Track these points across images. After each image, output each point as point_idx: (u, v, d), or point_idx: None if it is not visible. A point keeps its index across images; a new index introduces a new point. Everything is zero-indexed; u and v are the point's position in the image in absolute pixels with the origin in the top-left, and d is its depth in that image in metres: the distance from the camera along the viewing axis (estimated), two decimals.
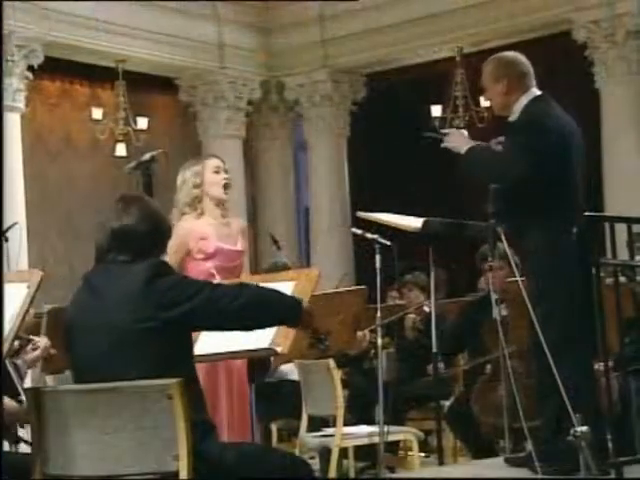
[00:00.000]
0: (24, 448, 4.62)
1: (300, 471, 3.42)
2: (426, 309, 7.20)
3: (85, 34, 10.72)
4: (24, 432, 4.52)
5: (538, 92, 4.88)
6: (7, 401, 4.07)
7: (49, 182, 11.49)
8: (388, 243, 5.67)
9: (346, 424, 5.73)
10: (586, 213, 4.71)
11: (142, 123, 11.54)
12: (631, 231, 5.00)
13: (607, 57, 10.70)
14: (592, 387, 4.70)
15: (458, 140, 4.90)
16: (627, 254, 5.32)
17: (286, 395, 6.73)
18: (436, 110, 11.94)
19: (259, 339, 3.94)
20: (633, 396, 5.27)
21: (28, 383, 4.82)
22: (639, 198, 10.07)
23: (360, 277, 11.07)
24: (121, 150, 11.44)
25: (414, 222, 5.53)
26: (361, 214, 5.83)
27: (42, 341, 4.64)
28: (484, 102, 11.60)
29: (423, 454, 6.61)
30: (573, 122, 4.89)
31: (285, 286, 3.99)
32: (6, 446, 4.71)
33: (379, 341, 5.64)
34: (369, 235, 5.68)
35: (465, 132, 5.05)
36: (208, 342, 4.03)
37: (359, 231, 5.87)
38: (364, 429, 5.82)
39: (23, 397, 4.02)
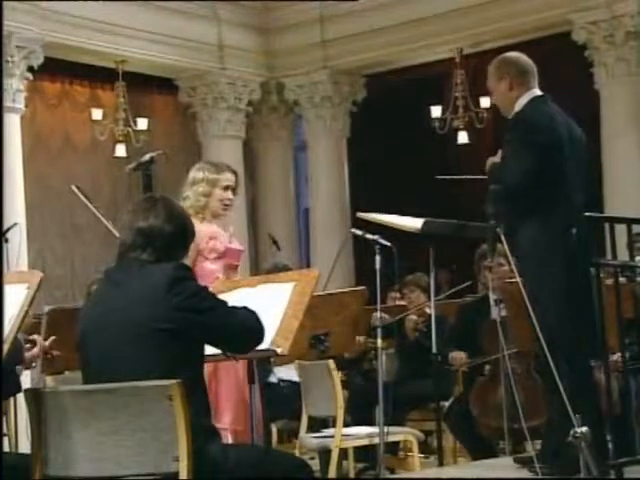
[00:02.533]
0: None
1: (300, 472, 3.42)
2: (427, 310, 7.19)
3: (85, 35, 10.72)
4: None
5: (539, 92, 4.89)
6: None
7: (49, 183, 11.48)
8: (388, 244, 5.67)
9: (346, 425, 5.72)
10: (586, 214, 4.71)
11: (142, 124, 11.55)
12: (631, 231, 5.01)
13: (607, 58, 10.70)
14: (591, 388, 4.70)
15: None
16: (627, 254, 5.32)
17: (286, 396, 6.74)
18: (436, 111, 11.96)
19: None
20: (633, 397, 5.26)
21: (27, 384, 4.82)
22: (639, 198, 10.08)
23: (360, 278, 11.06)
24: (121, 151, 11.45)
25: (414, 222, 5.53)
26: (361, 214, 5.83)
27: (39, 339, 4.62)
28: (484, 103, 11.64)
29: (423, 455, 6.60)
30: (573, 123, 4.90)
31: (285, 287, 3.99)
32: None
33: (379, 342, 5.63)
34: (369, 236, 5.66)
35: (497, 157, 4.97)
36: None
37: (359, 232, 5.85)
38: (364, 430, 5.81)
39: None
